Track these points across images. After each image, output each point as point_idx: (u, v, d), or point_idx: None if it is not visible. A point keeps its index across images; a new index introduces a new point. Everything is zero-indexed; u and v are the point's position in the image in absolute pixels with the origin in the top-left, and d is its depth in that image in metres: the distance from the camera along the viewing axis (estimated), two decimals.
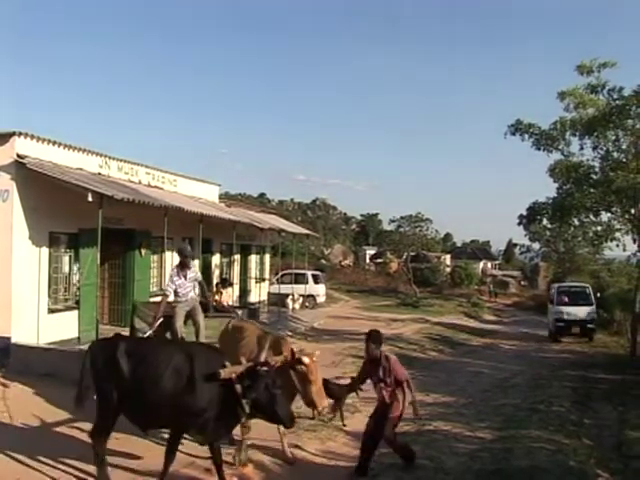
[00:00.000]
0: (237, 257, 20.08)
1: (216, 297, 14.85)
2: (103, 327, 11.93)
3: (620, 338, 20.99)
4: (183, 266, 8.24)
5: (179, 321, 8.16)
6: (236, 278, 20.02)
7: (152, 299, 13.65)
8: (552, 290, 23.91)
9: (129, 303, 12.78)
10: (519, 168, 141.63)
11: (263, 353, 5.31)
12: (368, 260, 60.53)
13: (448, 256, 57.65)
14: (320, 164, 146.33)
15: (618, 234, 17.30)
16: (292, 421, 5.23)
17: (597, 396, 11.36)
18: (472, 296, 39.03)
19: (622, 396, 11.29)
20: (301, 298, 24.00)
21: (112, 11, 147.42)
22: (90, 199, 9.77)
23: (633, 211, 16.33)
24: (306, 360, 5.82)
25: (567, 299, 21.61)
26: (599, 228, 18.17)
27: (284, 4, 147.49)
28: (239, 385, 4.97)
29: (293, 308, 22.74)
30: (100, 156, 12.93)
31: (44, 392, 8.47)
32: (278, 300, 20.97)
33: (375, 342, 6.30)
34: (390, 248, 46.74)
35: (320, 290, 26.32)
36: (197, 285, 8.76)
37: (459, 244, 75.55)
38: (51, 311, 11.26)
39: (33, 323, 10.68)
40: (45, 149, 11.15)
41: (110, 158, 13.31)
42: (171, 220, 12.55)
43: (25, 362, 9.68)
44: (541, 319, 27.63)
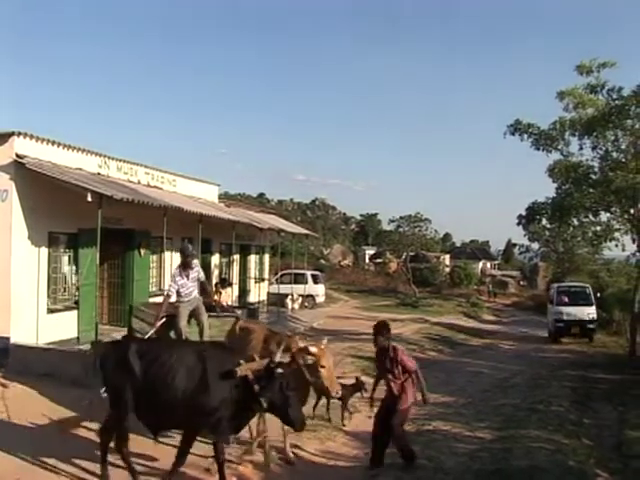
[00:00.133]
0: (236, 257, 20.08)
1: (215, 297, 14.83)
2: (102, 327, 11.92)
3: (619, 338, 20.99)
4: (185, 266, 8.24)
5: (183, 321, 8.17)
6: (235, 278, 20.01)
7: (151, 299, 13.65)
8: (552, 290, 23.74)
9: (128, 303, 12.77)
10: (518, 168, 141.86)
11: (278, 353, 5.29)
12: (367, 260, 60.55)
13: (447, 256, 57.67)
14: (320, 164, 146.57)
15: (617, 234, 17.34)
16: (302, 424, 5.26)
17: (596, 396, 11.37)
18: (471, 296, 39.08)
19: (621, 396, 11.31)
20: (300, 298, 24.00)
21: (112, 11, 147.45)
22: (89, 199, 9.75)
23: (632, 211, 16.34)
24: (314, 349, 5.92)
25: (567, 299, 21.41)
26: (598, 228, 18.20)
27: (284, 4, 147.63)
28: (257, 385, 4.99)
29: (292, 308, 22.73)
30: (99, 156, 12.91)
31: (43, 392, 8.46)
32: (277, 300, 20.95)
33: (383, 333, 6.38)
34: (389, 248, 46.78)
35: (319, 290, 26.32)
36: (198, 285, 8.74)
37: (458, 244, 75.63)
38: (50, 311, 11.23)
39: (32, 323, 10.66)
40: (44, 149, 11.13)
41: (109, 158, 13.29)
42: (170, 220, 12.54)
43: (24, 362, 9.66)
44: (540, 319, 27.65)
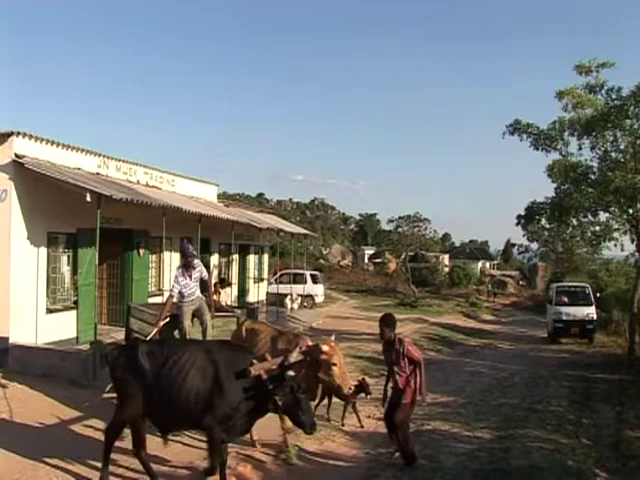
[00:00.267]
0: (235, 257, 20.09)
1: (214, 297, 14.80)
2: (101, 327, 11.93)
3: (618, 338, 20.93)
4: (187, 266, 8.28)
5: (187, 320, 8.19)
6: (234, 278, 20.02)
7: (151, 299, 13.66)
8: (551, 290, 23.43)
9: (127, 303, 12.75)
10: (518, 168, 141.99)
11: (294, 354, 5.29)
12: (366, 260, 60.56)
13: (446, 256, 57.66)
14: (319, 164, 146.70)
15: (616, 234, 17.33)
16: (313, 428, 5.27)
17: (595, 396, 11.37)
18: (470, 296, 39.10)
19: (620, 396, 11.31)
20: (299, 298, 24.02)
21: (112, 11, 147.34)
22: (88, 199, 9.75)
23: (631, 211, 16.32)
24: (325, 347, 5.98)
25: (566, 299, 21.19)
26: (597, 228, 18.17)
27: (284, 5, 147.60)
28: (271, 386, 5.00)
29: (291, 308, 22.74)
30: (98, 156, 12.91)
31: (42, 392, 8.46)
32: (276, 300, 20.93)
33: (388, 325, 6.51)
34: (389, 248, 46.75)
35: (318, 290, 26.33)
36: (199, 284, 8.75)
37: (457, 244, 75.74)
38: (49, 311, 11.23)
39: (31, 323, 10.65)
40: (43, 149, 11.13)
41: (108, 158, 13.29)
42: (169, 220, 12.55)
43: (23, 362, 9.67)
44: (539, 319, 27.65)
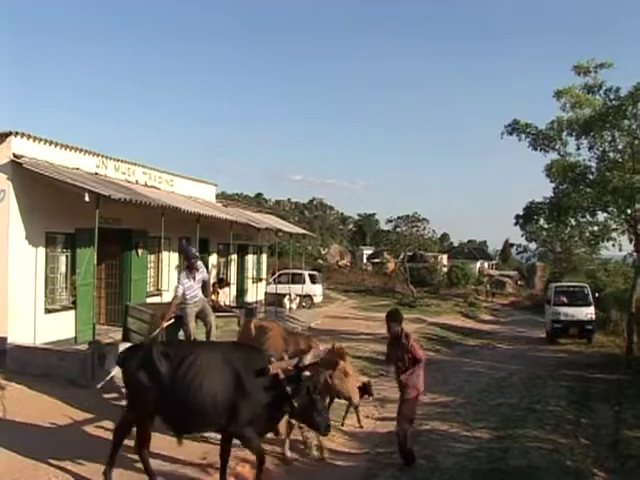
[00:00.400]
0: (234, 257, 20.06)
1: (213, 297, 14.83)
2: (100, 327, 11.91)
3: (616, 338, 20.95)
4: (191, 268, 8.32)
5: (191, 322, 8.22)
6: (233, 278, 20.00)
7: (149, 299, 13.65)
8: (549, 290, 23.33)
9: (125, 303, 12.74)
10: (516, 168, 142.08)
11: (308, 356, 5.28)
12: (365, 260, 60.53)
13: (445, 256, 57.67)
14: (317, 164, 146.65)
15: (614, 234, 17.38)
16: (327, 429, 5.23)
17: (594, 396, 11.39)
18: (469, 296, 39.14)
19: (618, 396, 11.34)
20: (298, 298, 24.01)
21: (112, 11, 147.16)
22: (87, 199, 9.72)
23: (629, 211, 16.36)
24: (343, 364, 6.14)
25: (565, 299, 21.06)
26: (595, 228, 18.21)
27: (284, 5, 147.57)
28: (289, 387, 4.98)
29: (290, 308, 22.74)
30: (97, 156, 12.87)
31: (41, 392, 8.44)
32: (275, 300, 20.94)
33: (395, 320, 6.51)
34: (387, 248, 46.68)
35: (317, 290, 26.34)
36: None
37: (456, 244, 75.67)
38: (48, 311, 11.20)
39: (30, 323, 10.62)
40: (42, 149, 11.10)
41: (107, 158, 13.25)
42: (168, 220, 12.53)
43: (22, 362, 9.63)
44: (538, 319, 27.67)
